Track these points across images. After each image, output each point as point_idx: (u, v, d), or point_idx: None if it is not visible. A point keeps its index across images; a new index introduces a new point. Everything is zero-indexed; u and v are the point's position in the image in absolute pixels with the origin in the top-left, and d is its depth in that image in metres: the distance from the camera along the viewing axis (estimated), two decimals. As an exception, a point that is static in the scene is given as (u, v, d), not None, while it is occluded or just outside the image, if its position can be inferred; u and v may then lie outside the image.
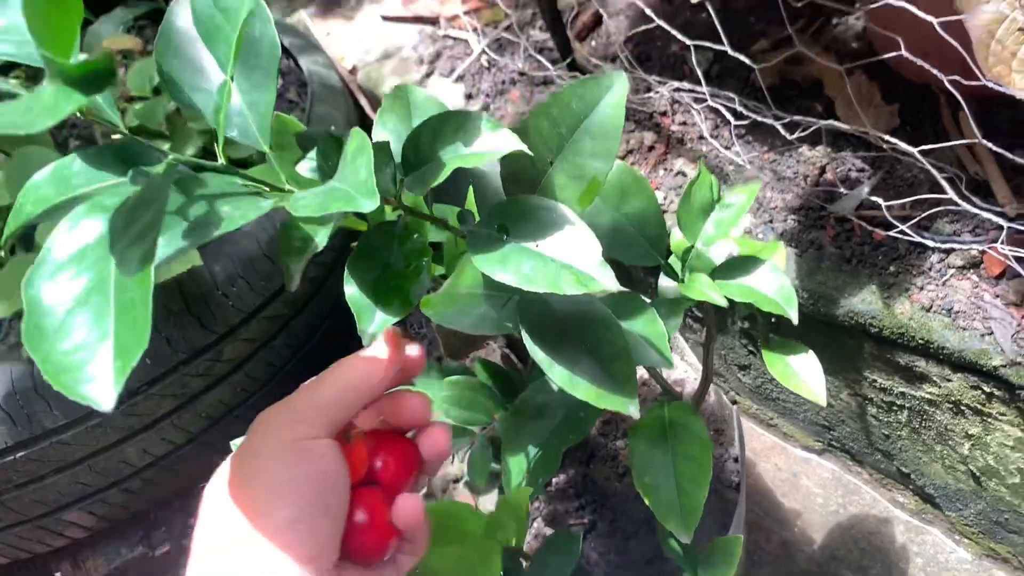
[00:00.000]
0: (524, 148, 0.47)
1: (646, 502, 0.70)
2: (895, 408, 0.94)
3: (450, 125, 0.50)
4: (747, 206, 0.61)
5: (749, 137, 1.00)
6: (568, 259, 0.50)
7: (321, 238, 0.51)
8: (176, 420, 1.01)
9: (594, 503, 0.93)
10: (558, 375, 0.57)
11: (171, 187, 0.42)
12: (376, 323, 0.54)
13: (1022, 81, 0.63)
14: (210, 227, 0.43)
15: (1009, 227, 0.77)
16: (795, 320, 0.61)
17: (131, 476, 1.03)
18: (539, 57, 1.18)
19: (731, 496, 0.89)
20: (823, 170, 0.95)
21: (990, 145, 0.70)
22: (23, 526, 1.03)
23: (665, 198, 1.03)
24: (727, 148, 0.99)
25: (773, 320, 0.72)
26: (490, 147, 0.48)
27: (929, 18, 0.63)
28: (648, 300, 0.65)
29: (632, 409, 0.55)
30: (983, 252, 0.83)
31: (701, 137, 1.02)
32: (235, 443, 0.61)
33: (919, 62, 0.70)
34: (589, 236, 0.50)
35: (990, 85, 0.64)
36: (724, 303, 0.59)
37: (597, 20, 1.18)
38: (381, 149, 0.52)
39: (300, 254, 0.51)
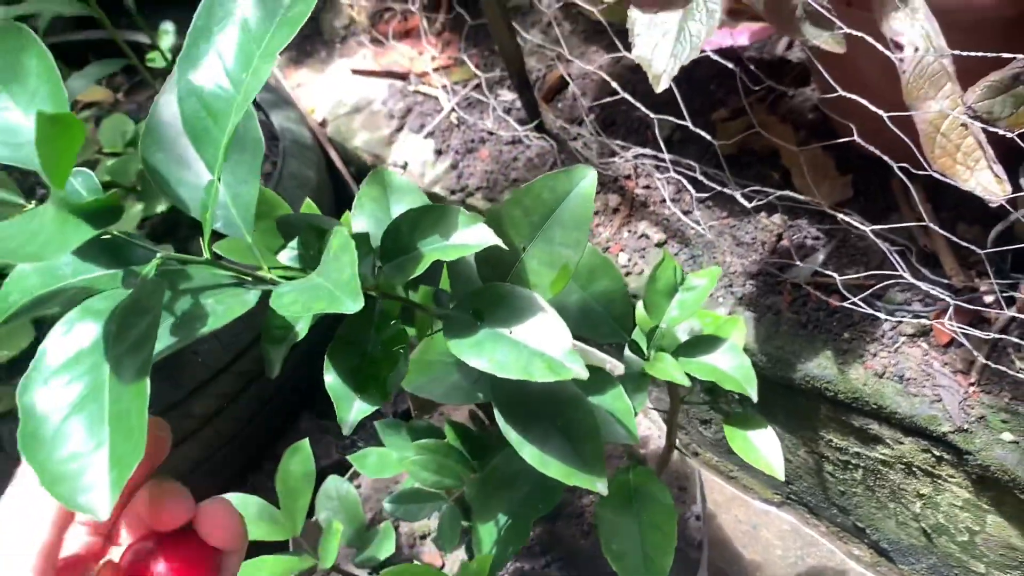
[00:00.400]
0: (499, 242, 0.50)
1: (614, 568, 0.72)
2: (850, 467, 0.97)
3: (429, 219, 0.52)
4: (709, 289, 0.64)
5: (710, 203, 1.04)
6: (540, 346, 0.53)
7: (302, 327, 0.52)
8: (143, 476, 1.01)
9: (560, 560, 0.95)
10: (529, 454, 0.59)
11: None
12: (355, 412, 0.56)
13: (965, 173, 0.67)
14: (196, 324, 0.45)
15: (954, 302, 0.81)
16: (754, 398, 0.63)
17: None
18: (507, 118, 1.21)
19: (694, 555, 0.91)
20: (780, 237, 0.98)
21: (938, 228, 0.74)
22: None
23: (629, 260, 1.06)
24: (687, 213, 1.03)
25: (737, 396, 0.75)
26: (467, 240, 0.50)
27: (880, 112, 0.67)
28: (615, 377, 0.68)
29: (601, 487, 0.57)
30: (932, 320, 0.87)
31: (663, 201, 1.05)
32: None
33: (871, 148, 0.74)
34: (560, 325, 0.53)
35: (935, 175, 0.67)
36: (687, 383, 0.61)
37: (563, 83, 1.22)
38: (362, 241, 0.54)
39: (281, 342, 0.53)
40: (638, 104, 0.95)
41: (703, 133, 0.89)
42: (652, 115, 0.93)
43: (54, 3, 1.06)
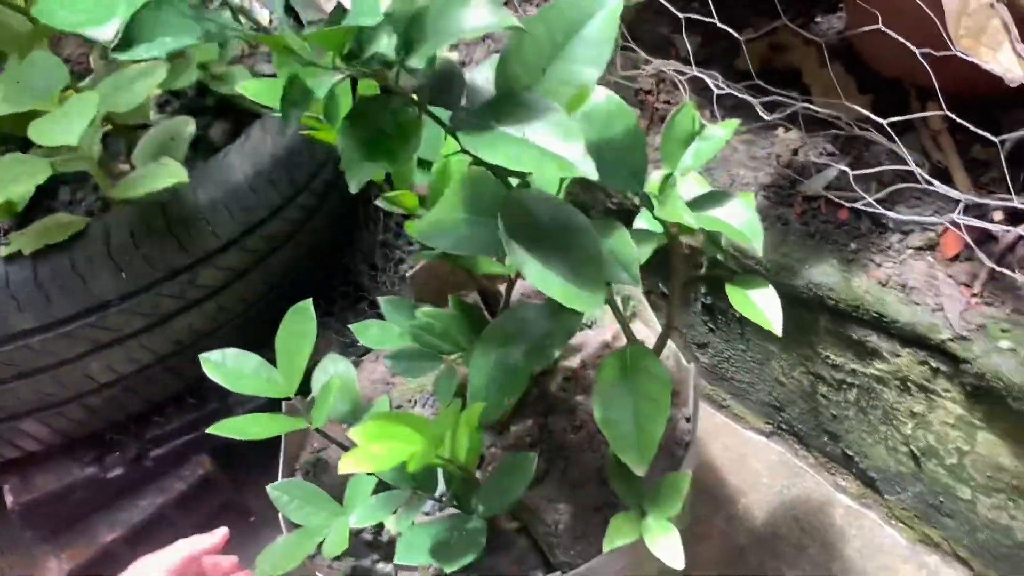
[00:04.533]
0: (519, 24, 0.50)
1: (606, 435, 0.73)
2: (845, 386, 0.98)
3: (453, 2, 0.52)
4: (726, 139, 0.64)
5: (729, 118, 1.04)
6: (553, 147, 0.53)
7: (320, 91, 0.53)
8: (144, 340, 1.02)
9: (548, 452, 0.95)
10: (531, 271, 0.60)
11: None
12: (363, 173, 0.56)
13: (987, 54, 0.67)
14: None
15: (963, 210, 0.81)
16: (759, 252, 0.64)
17: (92, 392, 1.03)
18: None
19: (681, 454, 0.92)
20: (795, 152, 0.99)
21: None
22: (-23, 429, 1.03)
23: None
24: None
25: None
26: (488, 22, 0.51)
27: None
28: (619, 224, 0.68)
29: (597, 310, 0.58)
30: (940, 235, 0.88)
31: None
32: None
33: (894, 35, 0.74)
34: (574, 128, 0.53)
35: (959, 54, 0.68)
36: (695, 224, 0.62)
37: None
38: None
39: (300, 105, 0.54)
40: (670, 6, 0.95)
41: (732, 31, 0.90)
42: (681, 15, 0.93)
43: None
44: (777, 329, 0.66)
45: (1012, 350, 0.79)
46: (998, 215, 0.86)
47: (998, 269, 0.81)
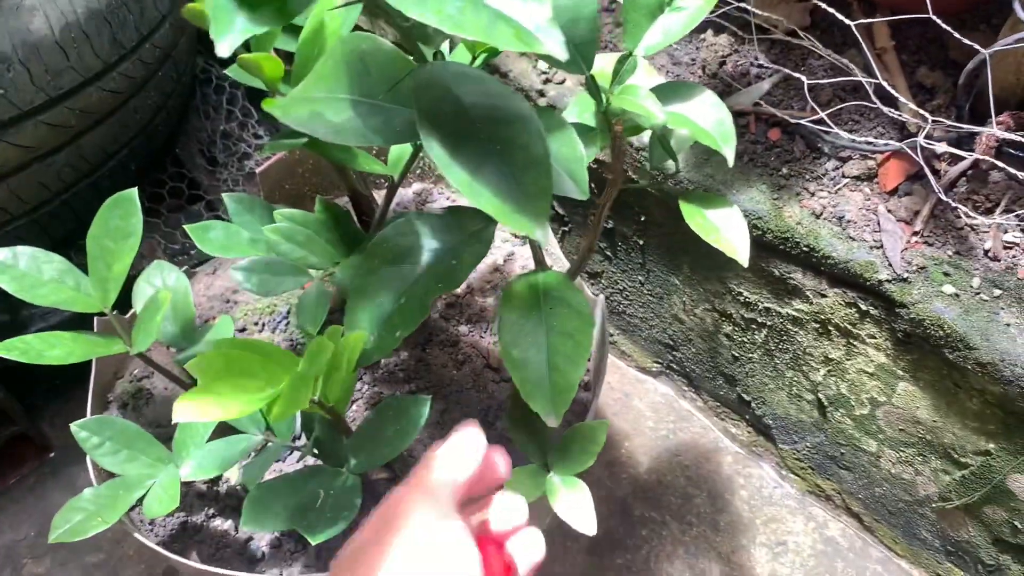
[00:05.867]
0: None
1: (513, 378, 0.59)
2: (754, 327, 0.89)
3: None
4: (704, 12, 0.50)
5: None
6: (507, 9, 0.37)
7: None
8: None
9: (426, 389, 0.81)
10: (456, 176, 0.44)
11: None
12: (235, 32, 0.39)
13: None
14: None
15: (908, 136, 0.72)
16: (731, 161, 0.51)
17: None
18: None
19: (581, 395, 0.80)
20: (723, 61, 0.87)
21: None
22: None
23: (550, 68, 0.92)
24: (620, 26, 0.90)
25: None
26: None
27: None
28: (564, 118, 0.54)
29: (539, 233, 0.43)
30: (880, 164, 0.79)
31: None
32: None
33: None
34: None
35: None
36: (661, 118, 0.48)
37: None
38: None
39: None
40: None
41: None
42: None
43: None
44: (743, 258, 0.54)
45: (955, 296, 0.72)
46: (940, 147, 0.78)
47: (944, 199, 0.73)
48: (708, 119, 0.52)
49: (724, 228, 0.55)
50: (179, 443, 0.69)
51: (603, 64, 0.56)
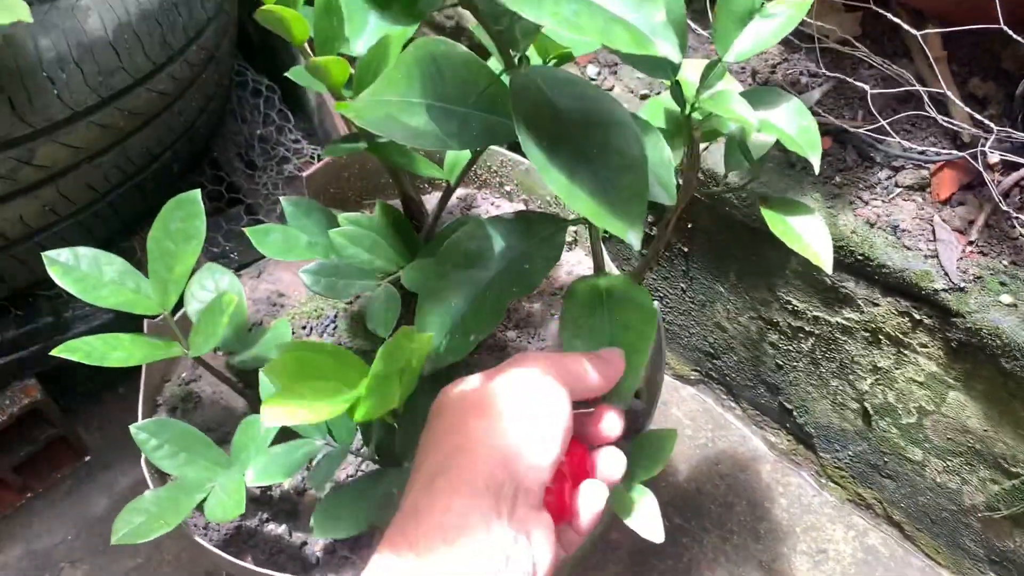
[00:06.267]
0: None
1: None
2: (801, 335, 0.89)
3: None
4: (796, 20, 0.51)
5: (698, 27, 0.91)
6: (620, 11, 0.37)
7: None
8: (-41, 229, 0.78)
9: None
10: (554, 179, 0.44)
11: None
12: (369, 31, 0.39)
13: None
14: None
15: (963, 146, 0.72)
16: (816, 168, 0.51)
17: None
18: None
19: (635, 404, 0.80)
20: (774, 69, 0.87)
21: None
22: None
23: (599, 73, 0.92)
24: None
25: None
26: None
27: None
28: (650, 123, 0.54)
29: (632, 236, 0.43)
30: (933, 174, 0.79)
31: None
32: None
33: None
34: None
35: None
36: (756, 123, 0.48)
37: None
38: None
39: None
40: None
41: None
42: None
43: None
44: (828, 265, 0.54)
45: (1013, 305, 0.72)
46: (994, 158, 0.78)
47: (1004, 207, 0.73)
48: (793, 126, 0.53)
49: (807, 235, 0.55)
50: (238, 446, 0.69)
51: (684, 70, 0.56)
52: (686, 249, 0.94)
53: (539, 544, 0.42)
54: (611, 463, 0.50)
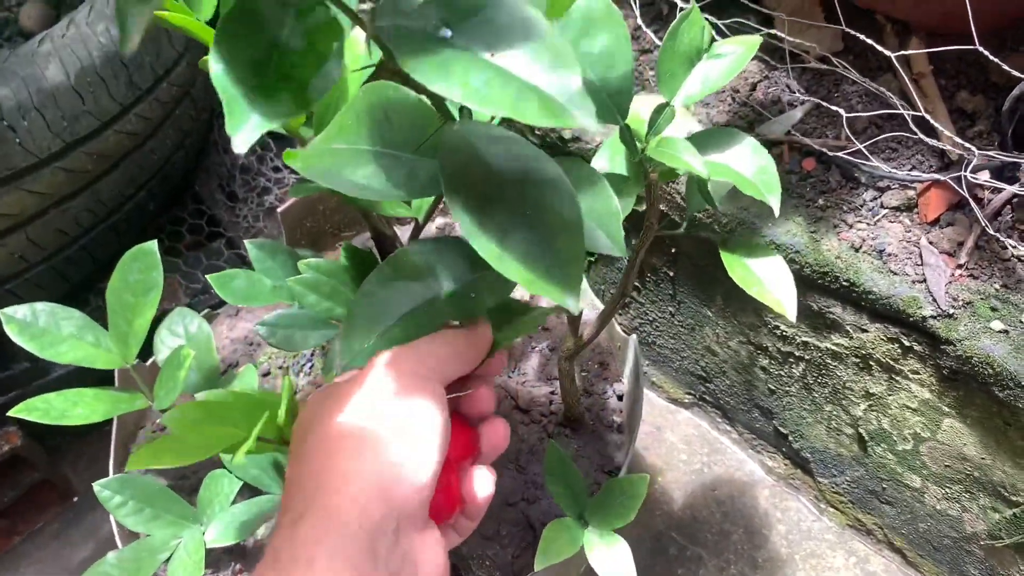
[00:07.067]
0: None
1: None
2: (791, 360, 0.86)
3: None
4: (745, 60, 0.48)
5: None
6: (535, 79, 0.35)
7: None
8: (-74, 282, 0.77)
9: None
10: (484, 247, 0.41)
11: None
12: (250, 128, 0.37)
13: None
14: None
15: (948, 167, 0.69)
16: (776, 211, 0.49)
17: None
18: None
19: (614, 439, 0.78)
20: (754, 88, 0.84)
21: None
22: None
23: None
24: (646, 52, 0.87)
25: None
26: None
27: None
28: (597, 171, 0.52)
29: (571, 302, 0.41)
30: (920, 194, 0.76)
31: (637, 28, 0.89)
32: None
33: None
34: (567, 53, 0.35)
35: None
36: (704, 173, 0.46)
37: None
38: None
39: (144, 1, 0.33)
40: None
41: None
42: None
43: None
44: (791, 313, 0.51)
45: (1004, 332, 0.69)
46: (983, 175, 0.75)
47: (990, 231, 0.70)
48: (749, 167, 0.50)
49: (768, 280, 0.52)
50: (203, 501, 0.67)
51: (638, 107, 0.54)
52: (671, 273, 0.92)
53: (428, 565, 0.38)
54: (493, 438, 0.47)
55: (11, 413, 0.62)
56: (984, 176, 0.74)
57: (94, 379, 0.70)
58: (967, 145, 0.68)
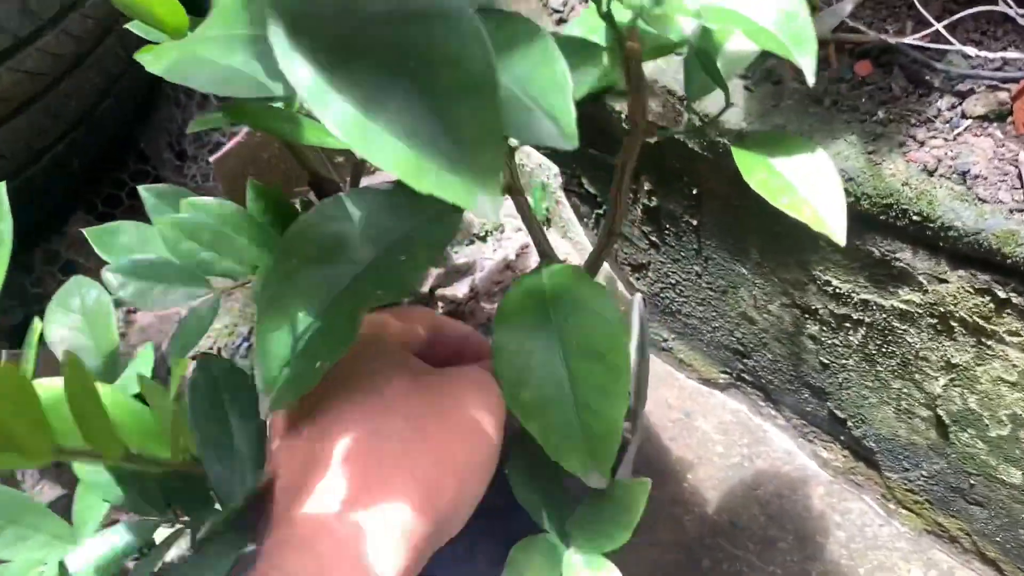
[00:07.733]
0: None
1: (531, 432, 0.41)
2: (847, 325, 0.68)
3: None
4: None
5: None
6: None
7: None
8: None
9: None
10: (335, 114, 0.25)
11: None
12: None
13: None
14: None
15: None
16: (811, 80, 0.32)
17: None
18: None
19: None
20: (790, -22, 0.67)
21: None
22: None
23: (565, 3, 0.73)
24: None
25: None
26: None
27: None
28: (538, 26, 0.35)
29: (483, 202, 0.24)
30: (1014, 98, 0.58)
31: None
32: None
33: None
34: None
35: None
36: (709, 24, 0.29)
37: None
38: None
39: None
40: None
41: None
42: None
43: None
44: (839, 233, 0.34)
45: None
46: (1101, 68, 0.56)
47: None
48: (769, 12, 0.33)
49: (803, 186, 0.35)
50: (79, 518, 0.53)
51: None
52: (694, 222, 0.74)
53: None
54: None
55: None
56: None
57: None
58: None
